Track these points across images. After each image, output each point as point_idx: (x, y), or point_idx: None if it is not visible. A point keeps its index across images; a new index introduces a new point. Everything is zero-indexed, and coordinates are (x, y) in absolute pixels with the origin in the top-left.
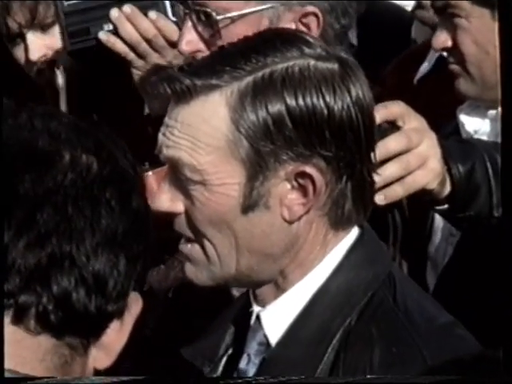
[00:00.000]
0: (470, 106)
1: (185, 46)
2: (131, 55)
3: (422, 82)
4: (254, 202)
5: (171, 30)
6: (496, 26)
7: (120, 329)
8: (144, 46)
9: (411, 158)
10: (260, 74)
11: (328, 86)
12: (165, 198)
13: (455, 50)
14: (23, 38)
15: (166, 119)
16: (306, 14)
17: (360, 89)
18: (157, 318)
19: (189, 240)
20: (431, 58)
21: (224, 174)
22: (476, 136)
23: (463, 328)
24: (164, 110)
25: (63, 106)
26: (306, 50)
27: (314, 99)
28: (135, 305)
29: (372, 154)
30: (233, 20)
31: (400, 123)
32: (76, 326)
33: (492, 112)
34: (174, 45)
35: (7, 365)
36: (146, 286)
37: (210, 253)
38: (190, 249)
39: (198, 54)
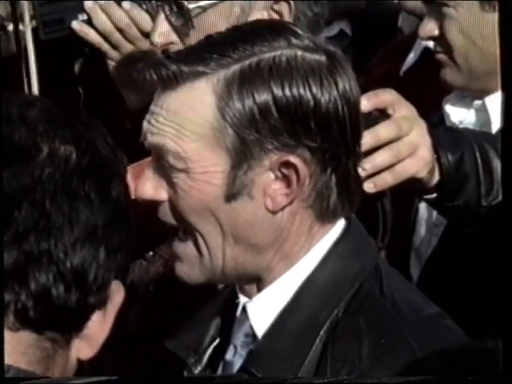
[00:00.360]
0: (455, 96)
1: (158, 38)
2: (105, 46)
3: (408, 73)
4: (237, 191)
5: (144, 20)
6: (484, 16)
7: (102, 319)
8: (117, 36)
9: (401, 146)
10: (247, 62)
11: (315, 77)
12: (148, 186)
13: (442, 39)
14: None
15: (152, 106)
16: (277, 1)
17: (347, 82)
18: (138, 312)
19: (179, 239)
20: (417, 48)
21: (208, 161)
22: (461, 126)
23: (450, 319)
24: (141, 102)
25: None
26: (294, 41)
27: (301, 90)
28: (117, 294)
29: (358, 148)
30: (205, 9)
31: (390, 111)
32: (56, 321)
33: (478, 102)
34: (147, 35)
35: None
36: (127, 280)
37: (200, 243)
38: (183, 247)
39: (170, 46)
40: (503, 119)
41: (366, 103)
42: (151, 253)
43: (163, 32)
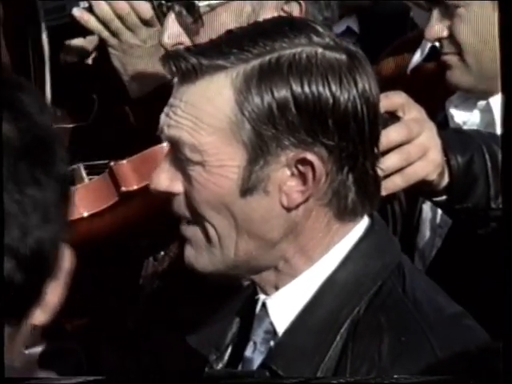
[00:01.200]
0: (459, 98)
1: (167, 39)
2: (105, 33)
3: (414, 72)
4: (252, 186)
5: (144, 8)
6: (496, 16)
7: (55, 287)
8: (117, 23)
9: (412, 149)
10: (267, 58)
11: (335, 75)
12: (164, 178)
13: (451, 40)
14: None
15: (171, 99)
16: (288, 1)
17: (367, 81)
18: (141, 309)
19: (189, 222)
20: (423, 47)
21: (224, 155)
22: (465, 127)
23: (471, 318)
24: (142, 90)
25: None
26: (315, 39)
27: (320, 87)
28: (66, 261)
29: (376, 148)
30: (214, 7)
31: (400, 114)
32: (18, 305)
33: (482, 103)
34: (146, 23)
35: None
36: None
37: (211, 234)
38: (192, 231)
39: (180, 47)
40: (503, 121)
41: None
42: (162, 253)
43: (172, 33)
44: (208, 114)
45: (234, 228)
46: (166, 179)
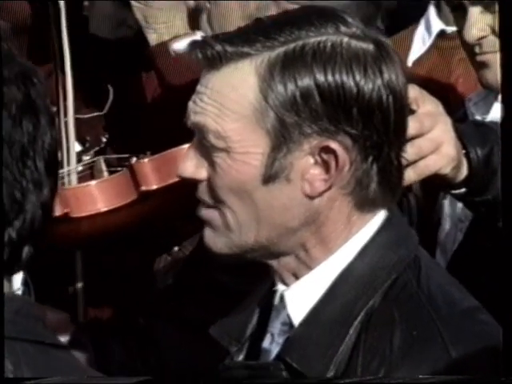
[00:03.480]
0: (478, 95)
1: None
2: None
3: (416, 63)
4: (275, 174)
5: None
6: None
7: None
8: None
9: (423, 143)
10: (292, 45)
11: (359, 65)
12: (189, 165)
13: (492, 38)
14: None
15: (198, 86)
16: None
17: (394, 72)
18: (153, 306)
19: (208, 206)
20: (424, 37)
21: (248, 142)
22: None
23: (487, 313)
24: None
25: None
26: (342, 28)
27: (344, 76)
28: None
29: (402, 139)
30: None
31: (414, 107)
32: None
33: None
34: None
35: None
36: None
37: (230, 219)
38: (211, 215)
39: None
40: (503, 121)
41: None
42: (176, 248)
43: None
44: (232, 100)
45: (254, 215)
46: (192, 166)
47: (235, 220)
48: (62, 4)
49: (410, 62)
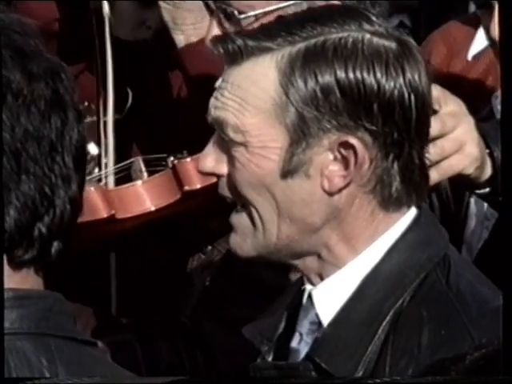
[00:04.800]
0: None
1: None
2: None
3: (476, 57)
4: (293, 168)
5: None
6: None
7: None
8: None
9: (446, 143)
10: (313, 41)
11: (381, 62)
12: (210, 160)
13: None
14: None
15: (219, 82)
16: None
17: (416, 71)
18: (193, 305)
19: (237, 210)
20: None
21: (267, 137)
22: None
23: None
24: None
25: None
26: (365, 25)
27: (365, 73)
28: None
29: (425, 138)
30: (257, 18)
31: (436, 107)
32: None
33: None
34: None
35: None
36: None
37: (255, 217)
38: (238, 218)
39: None
40: (503, 121)
41: None
42: (210, 247)
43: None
44: (253, 95)
45: (275, 210)
46: (212, 161)
47: (258, 216)
48: (105, 5)
49: (470, 56)
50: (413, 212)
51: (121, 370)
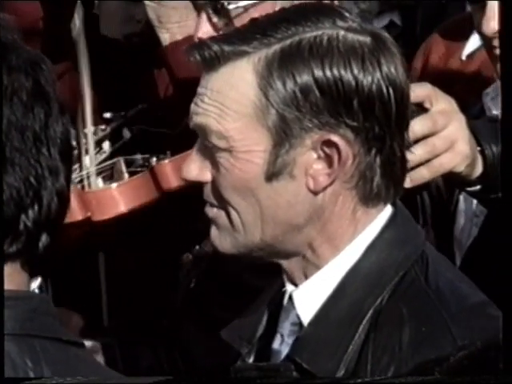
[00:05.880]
0: (495, 90)
1: (201, 35)
2: None
3: (470, 57)
4: (278, 170)
5: None
6: None
7: None
8: None
9: (437, 141)
10: (288, 41)
11: (357, 58)
12: (193, 167)
13: None
14: None
15: (198, 88)
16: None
17: (392, 64)
18: (177, 307)
19: (213, 205)
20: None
21: (250, 140)
22: None
23: (496, 308)
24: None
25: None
26: (339, 22)
27: (342, 70)
28: None
29: (405, 131)
30: (246, 9)
31: (427, 105)
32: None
33: None
34: None
35: None
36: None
37: (235, 220)
38: (216, 213)
39: None
40: (502, 122)
41: None
42: (197, 247)
43: (206, 31)
44: (233, 99)
45: (259, 214)
46: (196, 168)
47: (240, 220)
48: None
49: (464, 55)
50: (389, 209)
51: (107, 371)
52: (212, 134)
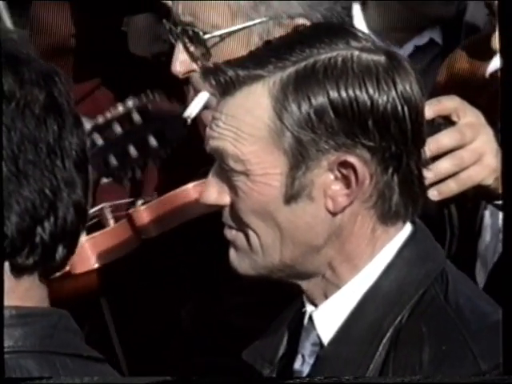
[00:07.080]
0: None
1: (178, 67)
2: None
3: (494, 74)
4: (296, 193)
5: None
6: None
7: None
8: None
9: (465, 154)
10: (303, 64)
11: (372, 77)
12: (212, 191)
13: None
14: None
15: (213, 112)
16: (297, 27)
17: (408, 83)
18: (194, 309)
19: (231, 227)
20: None
21: (267, 164)
22: None
23: None
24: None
25: None
26: (353, 43)
27: (357, 91)
28: None
29: (421, 149)
30: (222, 38)
31: (455, 118)
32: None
33: None
34: None
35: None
36: None
37: (253, 242)
38: (234, 235)
39: (192, 74)
40: (502, 122)
41: (429, 110)
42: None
43: (183, 60)
44: (248, 124)
45: (278, 237)
46: (215, 192)
47: (258, 242)
48: None
49: (487, 72)
50: (408, 227)
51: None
52: (228, 157)
